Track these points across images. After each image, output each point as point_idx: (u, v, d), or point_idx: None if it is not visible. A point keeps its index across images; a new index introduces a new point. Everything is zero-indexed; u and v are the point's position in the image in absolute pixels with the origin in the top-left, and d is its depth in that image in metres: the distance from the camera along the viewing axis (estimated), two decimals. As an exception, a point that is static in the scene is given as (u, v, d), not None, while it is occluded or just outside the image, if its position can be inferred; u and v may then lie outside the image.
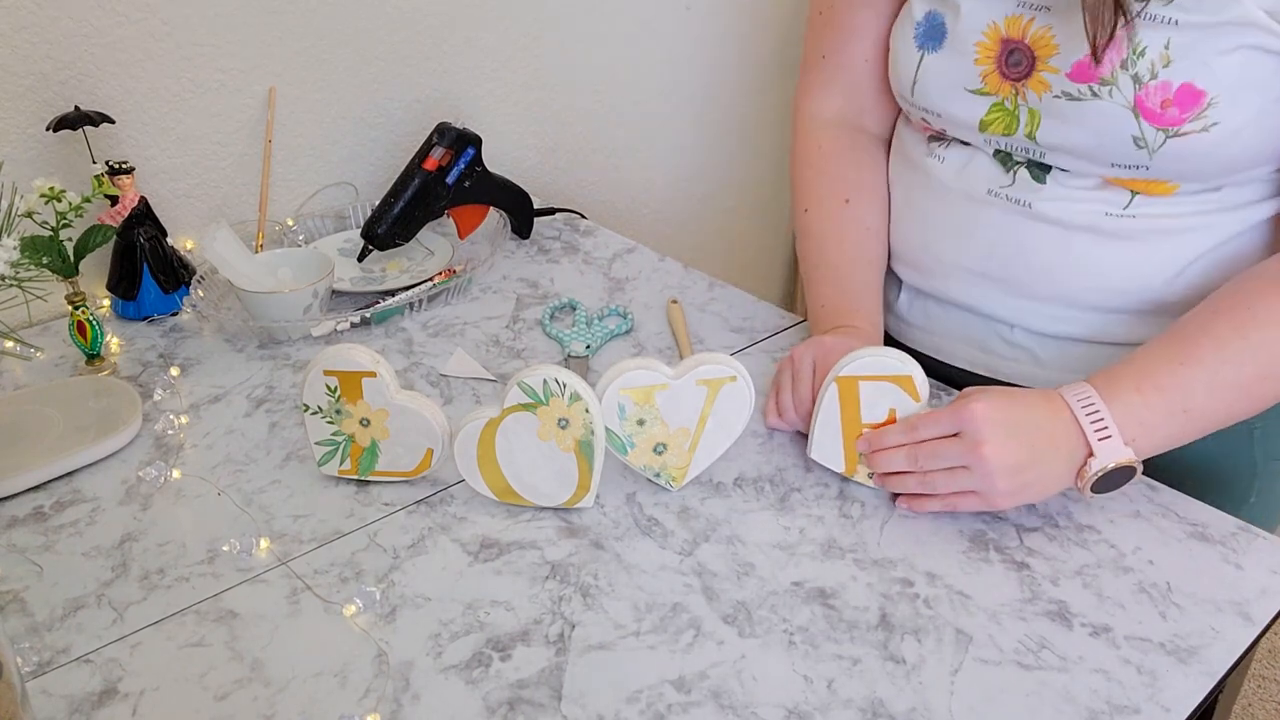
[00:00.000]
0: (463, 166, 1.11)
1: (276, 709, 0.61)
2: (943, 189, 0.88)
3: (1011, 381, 0.91)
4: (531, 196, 1.21)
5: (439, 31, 1.24)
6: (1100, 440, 0.70)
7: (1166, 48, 0.71)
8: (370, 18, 1.18)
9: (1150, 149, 0.73)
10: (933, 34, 0.83)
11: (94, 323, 0.93)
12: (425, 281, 1.07)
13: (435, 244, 1.16)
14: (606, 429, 0.74)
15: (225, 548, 0.73)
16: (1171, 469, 0.83)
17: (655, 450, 0.76)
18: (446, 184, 1.11)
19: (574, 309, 1.05)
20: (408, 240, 1.12)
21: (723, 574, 0.71)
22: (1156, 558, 0.72)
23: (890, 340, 0.99)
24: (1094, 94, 0.74)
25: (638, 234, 1.57)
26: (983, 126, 0.81)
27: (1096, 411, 0.71)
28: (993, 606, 0.68)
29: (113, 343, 0.99)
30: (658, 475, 0.78)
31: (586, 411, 0.72)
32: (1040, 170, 0.82)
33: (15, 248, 0.76)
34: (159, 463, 0.81)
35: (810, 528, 0.75)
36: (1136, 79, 0.72)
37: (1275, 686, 1.76)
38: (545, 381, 0.71)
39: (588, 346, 0.98)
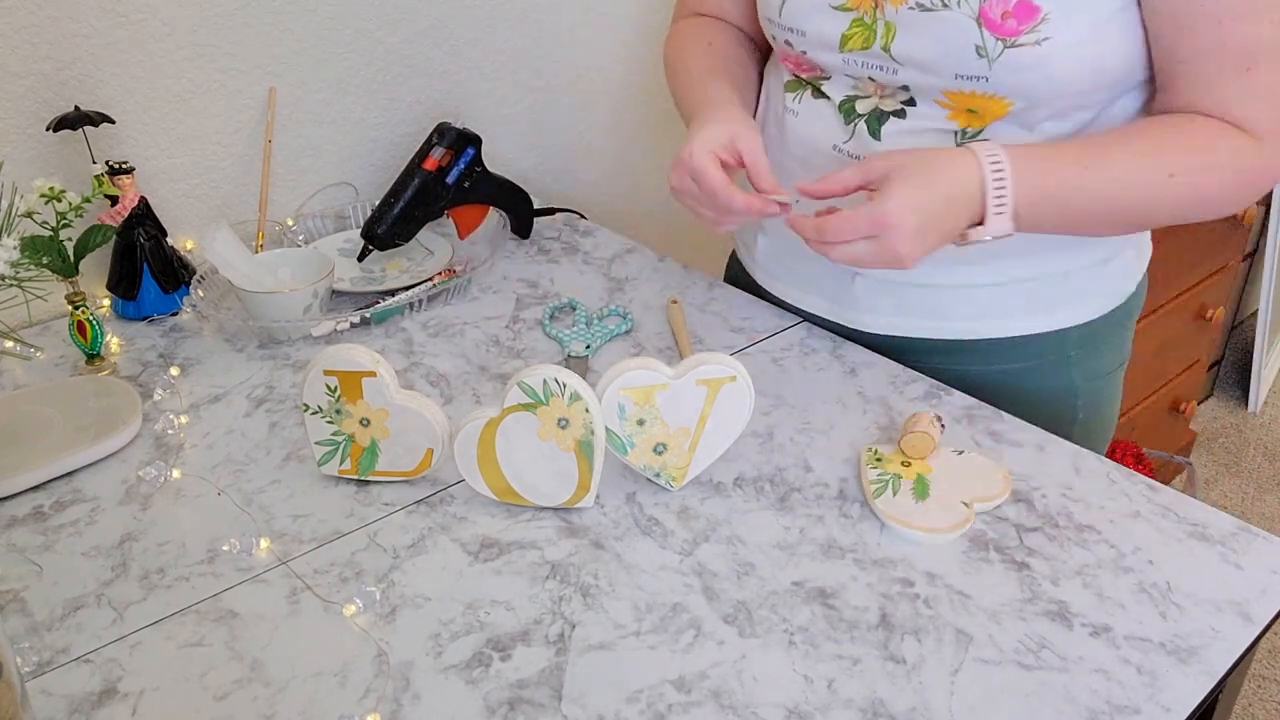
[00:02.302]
0: (463, 166, 1.11)
1: (276, 709, 0.61)
2: (795, 143, 0.94)
3: (858, 329, 0.97)
4: (531, 196, 1.21)
5: (439, 31, 1.24)
6: (995, 214, 0.77)
7: None
8: (370, 18, 1.18)
9: (990, 58, 0.78)
10: None
11: (94, 323, 0.93)
12: (425, 281, 1.07)
13: (435, 244, 1.16)
14: (606, 429, 0.74)
15: (225, 548, 0.73)
16: (1002, 392, 0.92)
17: (655, 450, 0.76)
18: (446, 184, 1.11)
19: (574, 309, 1.05)
20: (408, 240, 1.12)
21: (723, 574, 0.71)
22: (1156, 558, 0.72)
23: (755, 290, 1.07)
24: (944, 4, 0.79)
25: (638, 234, 1.56)
26: (843, 42, 0.85)
27: (1003, 188, 0.76)
28: (993, 606, 0.68)
29: (113, 343, 0.99)
30: (658, 475, 0.78)
31: (586, 411, 0.72)
32: (876, 123, 0.87)
33: (15, 248, 0.77)
34: (159, 463, 0.81)
35: (810, 528, 0.75)
36: None
37: (1275, 686, 1.76)
38: (545, 381, 0.71)
39: (587, 347, 0.98)
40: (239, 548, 0.73)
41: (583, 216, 1.29)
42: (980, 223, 0.78)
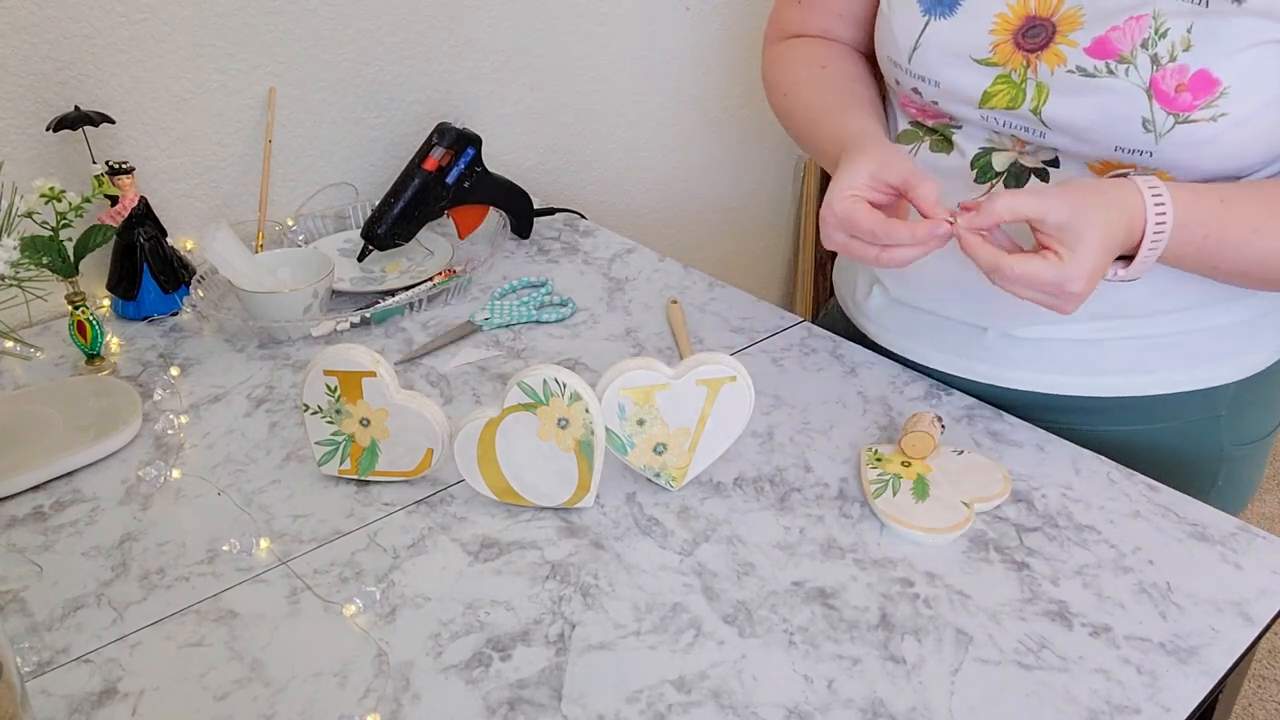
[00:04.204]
0: (463, 166, 1.11)
1: (276, 709, 0.61)
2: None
3: (986, 381, 0.90)
4: (531, 196, 1.21)
5: (439, 32, 1.24)
6: (1145, 255, 0.72)
7: (1189, 31, 0.70)
8: (370, 18, 1.18)
9: (1158, 133, 0.72)
10: None
11: (94, 323, 0.93)
12: (425, 281, 1.07)
13: (435, 244, 1.16)
14: (606, 429, 0.74)
15: (225, 548, 0.73)
16: (1141, 453, 0.85)
17: (655, 450, 0.76)
18: (446, 184, 1.11)
19: (538, 287, 1.10)
20: (408, 240, 1.12)
21: (723, 574, 0.71)
22: (1156, 558, 0.72)
23: (863, 340, 0.99)
24: (1110, 71, 0.72)
25: (638, 234, 1.57)
26: (985, 99, 0.78)
27: (1161, 234, 0.71)
28: (993, 606, 0.68)
29: (113, 343, 0.99)
30: (658, 475, 0.78)
31: (586, 411, 0.72)
32: (1014, 182, 0.81)
33: (15, 248, 0.76)
34: (159, 463, 0.81)
35: (810, 528, 0.75)
36: (1155, 60, 0.71)
37: (1275, 686, 1.76)
38: (545, 381, 0.71)
39: (486, 318, 1.02)
40: (239, 548, 0.73)
41: (583, 216, 1.29)
42: (1129, 259, 0.73)
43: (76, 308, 0.92)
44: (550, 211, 1.27)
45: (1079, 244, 0.69)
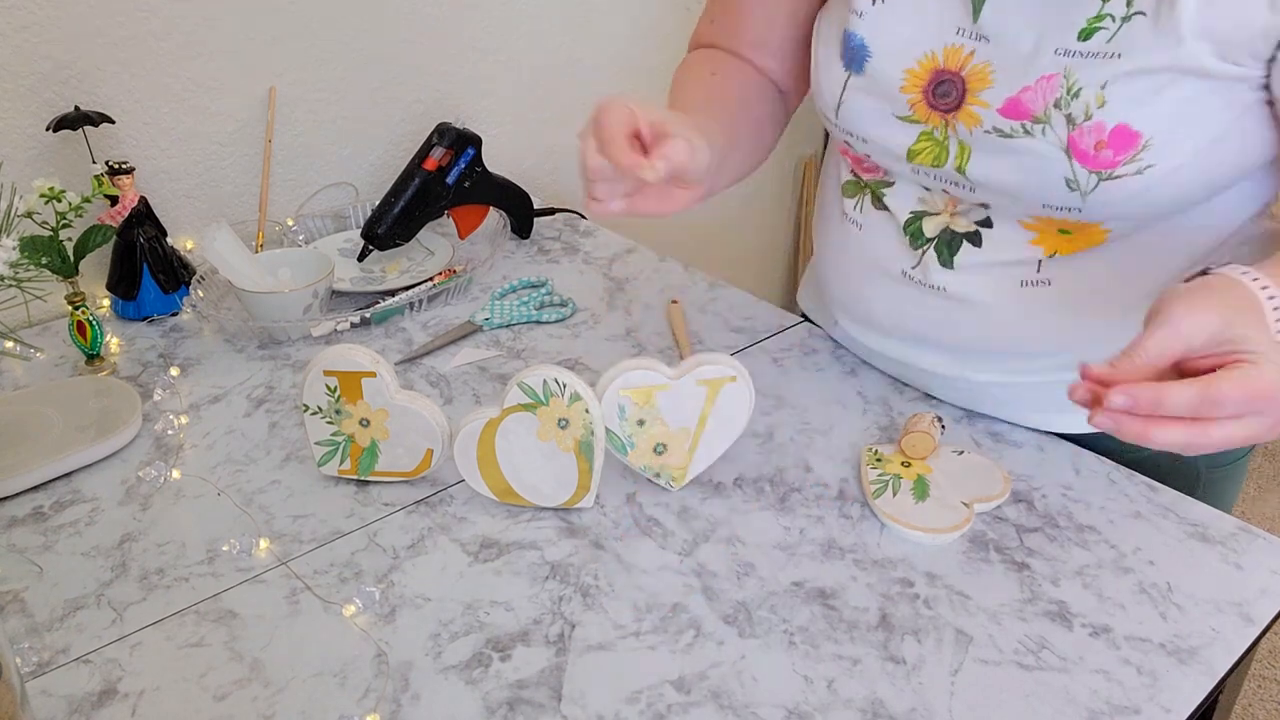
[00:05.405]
0: (463, 166, 1.11)
1: (276, 709, 0.61)
2: (859, 258, 0.86)
3: (960, 406, 0.88)
4: (531, 196, 1.21)
5: (439, 32, 1.24)
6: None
7: (1103, 88, 0.67)
8: (370, 18, 1.18)
9: (1083, 191, 0.70)
10: (856, 55, 0.77)
11: (94, 323, 0.93)
12: (425, 281, 1.07)
13: (435, 244, 1.16)
14: (606, 429, 0.74)
15: (225, 548, 0.73)
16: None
17: (655, 450, 0.76)
18: (446, 184, 1.11)
19: (537, 287, 1.10)
20: (408, 240, 1.12)
21: (723, 574, 0.71)
22: (1156, 558, 0.72)
23: None
24: (1026, 132, 0.70)
25: (638, 234, 1.56)
26: (910, 155, 0.77)
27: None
28: (993, 606, 0.68)
29: (113, 343, 0.99)
30: (658, 475, 0.78)
31: (586, 411, 0.72)
32: (947, 250, 0.79)
33: (15, 248, 0.76)
34: (159, 463, 0.81)
35: (810, 528, 0.75)
36: (1070, 119, 0.68)
37: (1275, 686, 1.76)
38: (545, 382, 0.71)
39: (486, 319, 1.02)
40: (239, 548, 0.73)
41: (583, 216, 1.29)
42: None
43: (76, 308, 0.92)
44: (550, 211, 1.27)
45: (1241, 342, 0.58)
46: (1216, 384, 0.57)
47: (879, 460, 0.80)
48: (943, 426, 0.81)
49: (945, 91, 0.74)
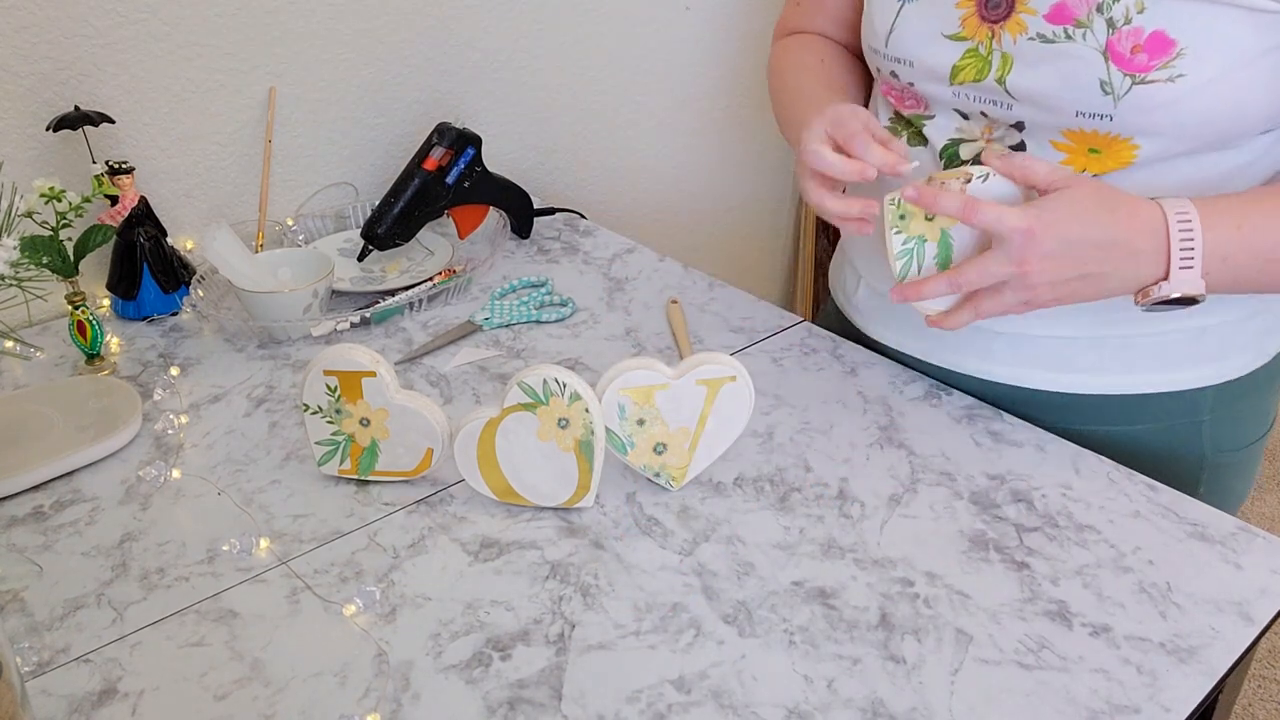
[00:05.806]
0: (463, 166, 1.11)
1: (276, 709, 0.61)
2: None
3: (966, 373, 0.91)
4: (531, 196, 1.21)
5: (439, 32, 1.24)
6: (1181, 268, 0.71)
7: None
8: (370, 18, 1.18)
9: (1116, 95, 0.73)
10: None
11: (94, 323, 0.93)
12: (425, 281, 1.07)
13: (435, 244, 1.16)
14: (606, 429, 0.74)
15: (225, 547, 0.73)
16: (1120, 454, 0.85)
17: (655, 450, 0.76)
18: (446, 184, 1.11)
19: (538, 287, 1.10)
20: (408, 240, 1.12)
21: (723, 574, 0.71)
22: (1156, 558, 0.72)
23: (857, 337, 0.99)
24: (1068, 36, 0.74)
25: (638, 234, 1.57)
26: (954, 73, 0.81)
27: (1190, 238, 0.70)
28: (993, 606, 0.68)
29: (113, 343, 0.99)
30: (658, 475, 0.78)
31: (586, 411, 0.72)
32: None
33: (15, 248, 0.76)
34: (159, 462, 0.81)
35: (810, 528, 0.75)
36: (1111, 23, 0.72)
37: (1275, 686, 1.76)
38: (545, 381, 0.71)
39: (486, 318, 1.02)
40: (239, 548, 0.73)
41: (583, 216, 1.29)
42: (1164, 278, 0.72)
43: (76, 308, 0.92)
44: (550, 211, 1.27)
45: (1051, 198, 0.71)
46: (962, 268, 0.73)
47: (902, 218, 0.77)
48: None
49: (996, 3, 0.78)
